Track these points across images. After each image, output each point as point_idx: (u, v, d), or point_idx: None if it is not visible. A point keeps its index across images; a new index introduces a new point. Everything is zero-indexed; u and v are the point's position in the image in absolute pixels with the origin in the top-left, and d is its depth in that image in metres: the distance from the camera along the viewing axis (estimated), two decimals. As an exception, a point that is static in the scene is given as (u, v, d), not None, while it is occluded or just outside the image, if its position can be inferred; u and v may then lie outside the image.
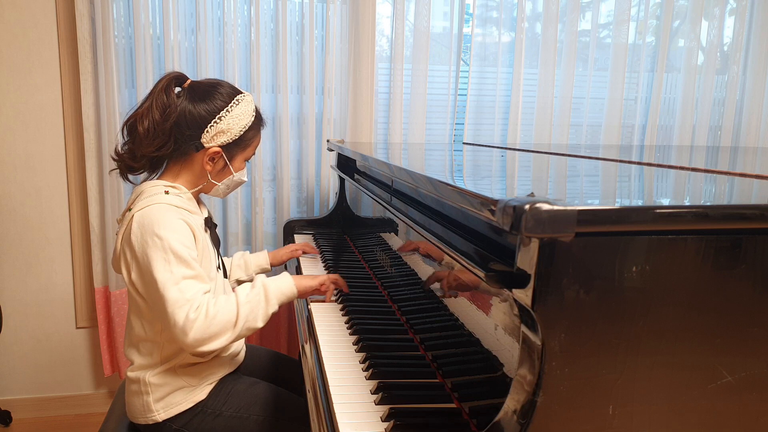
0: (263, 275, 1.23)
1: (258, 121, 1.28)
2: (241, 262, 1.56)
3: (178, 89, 1.23)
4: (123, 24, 2.02)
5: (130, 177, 1.26)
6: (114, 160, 1.24)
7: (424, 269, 1.11)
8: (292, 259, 1.70)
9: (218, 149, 1.22)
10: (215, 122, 1.20)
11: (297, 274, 1.54)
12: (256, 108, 1.28)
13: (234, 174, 1.28)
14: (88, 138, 2.04)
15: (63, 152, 2.11)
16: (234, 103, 1.22)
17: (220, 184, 1.28)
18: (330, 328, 1.17)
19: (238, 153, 1.26)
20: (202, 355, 1.17)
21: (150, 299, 1.13)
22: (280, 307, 1.20)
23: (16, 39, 2.01)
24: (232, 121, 1.21)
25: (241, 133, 1.23)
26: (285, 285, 1.21)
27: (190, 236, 1.16)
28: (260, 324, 1.14)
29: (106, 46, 1.96)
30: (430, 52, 2.24)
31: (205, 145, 1.21)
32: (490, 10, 2.31)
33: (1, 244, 2.11)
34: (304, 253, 1.72)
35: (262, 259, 1.59)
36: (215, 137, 1.21)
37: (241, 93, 1.25)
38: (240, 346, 1.35)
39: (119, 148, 1.23)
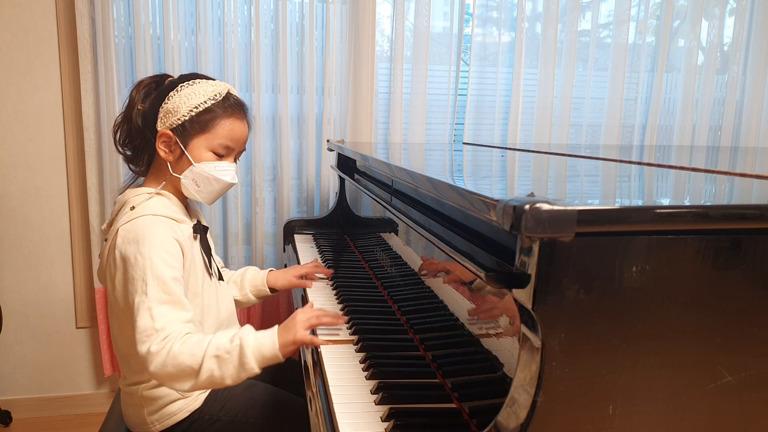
0: (249, 326, 1.07)
1: (223, 105, 1.16)
2: (238, 278, 1.44)
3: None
4: (123, 24, 2.02)
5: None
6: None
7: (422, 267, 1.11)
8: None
9: (167, 132, 1.14)
10: (164, 104, 1.15)
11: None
12: (228, 94, 1.18)
13: (194, 164, 1.15)
14: (88, 138, 2.04)
15: (63, 152, 2.11)
16: (185, 85, 1.16)
17: (182, 176, 1.16)
18: (330, 328, 1.16)
19: (194, 138, 1.15)
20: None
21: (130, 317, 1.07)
22: (263, 370, 1.03)
23: (16, 39, 2.01)
24: (179, 100, 1.14)
25: (192, 113, 1.14)
26: (266, 346, 1.03)
27: (176, 252, 1.10)
28: (229, 383, 1.01)
29: (106, 46, 1.96)
30: (430, 52, 2.24)
31: (158, 129, 1.15)
32: (490, 10, 2.31)
33: (1, 244, 2.11)
34: (311, 273, 1.49)
35: (259, 279, 1.44)
36: (163, 119, 1.15)
37: (205, 79, 1.18)
38: None
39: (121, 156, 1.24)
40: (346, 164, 1.98)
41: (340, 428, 0.80)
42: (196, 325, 1.15)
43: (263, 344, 1.03)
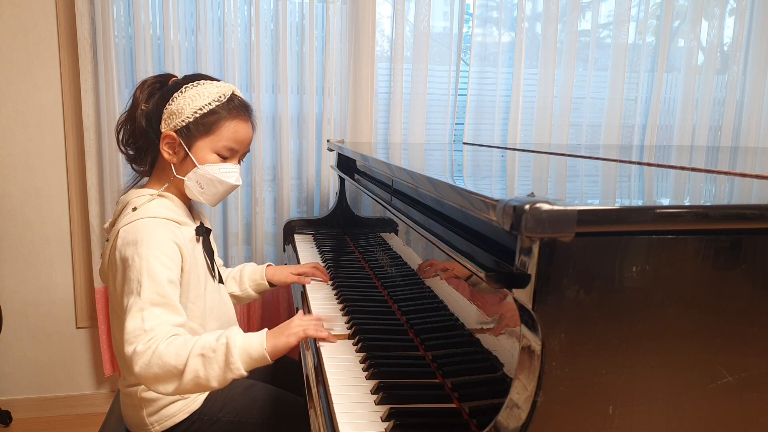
0: (237, 327, 1.06)
1: (228, 107, 1.16)
2: (236, 274, 1.45)
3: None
4: (123, 24, 2.02)
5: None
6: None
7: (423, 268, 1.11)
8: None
9: (171, 133, 1.14)
10: (168, 105, 1.14)
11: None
12: (233, 96, 1.18)
13: (198, 166, 1.15)
14: (88, 138, 2.04)
15: (63, 152, 2.11)
16: (190, 86, 1.15)
17: (186, 178, 1.16)
18: (330, 327, 1.16)
19: (199, 139, 1.15)
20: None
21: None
22: (251, 373, 1.01)
23: (16, 39, 2.01)
24: (183, 102, 1.13)
25: (197, 115, 1.13)
26: (254, 347, 1.00)
27: (174, 255, 1.09)
28: (214, 385, 0.98)
29: (106, 46, 1.96)
30: (430, 52, 2.24)
31: (162, 131, 1.15)
32: (490, 10, 2.31)
33: (1, 244, 2.11)
34: (309, 273, 1.49)
35: (258, 273, 1.45)
36: (167, 121, 1.14)
37: (209, 80, 1.18)
38: None
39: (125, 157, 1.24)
40: (346, 164, 1.98)
41: (340, 428, 0.80)
42: (195, 329, 1.15)
43: (251, 344, 1.00)
